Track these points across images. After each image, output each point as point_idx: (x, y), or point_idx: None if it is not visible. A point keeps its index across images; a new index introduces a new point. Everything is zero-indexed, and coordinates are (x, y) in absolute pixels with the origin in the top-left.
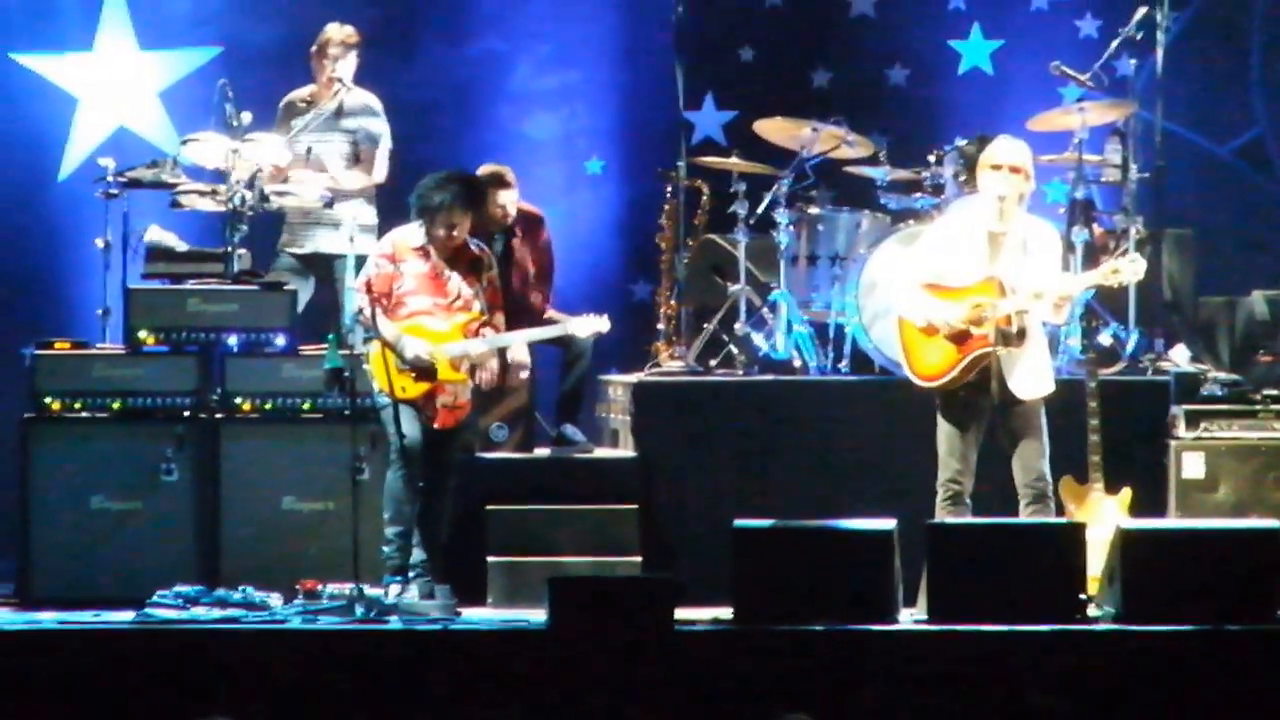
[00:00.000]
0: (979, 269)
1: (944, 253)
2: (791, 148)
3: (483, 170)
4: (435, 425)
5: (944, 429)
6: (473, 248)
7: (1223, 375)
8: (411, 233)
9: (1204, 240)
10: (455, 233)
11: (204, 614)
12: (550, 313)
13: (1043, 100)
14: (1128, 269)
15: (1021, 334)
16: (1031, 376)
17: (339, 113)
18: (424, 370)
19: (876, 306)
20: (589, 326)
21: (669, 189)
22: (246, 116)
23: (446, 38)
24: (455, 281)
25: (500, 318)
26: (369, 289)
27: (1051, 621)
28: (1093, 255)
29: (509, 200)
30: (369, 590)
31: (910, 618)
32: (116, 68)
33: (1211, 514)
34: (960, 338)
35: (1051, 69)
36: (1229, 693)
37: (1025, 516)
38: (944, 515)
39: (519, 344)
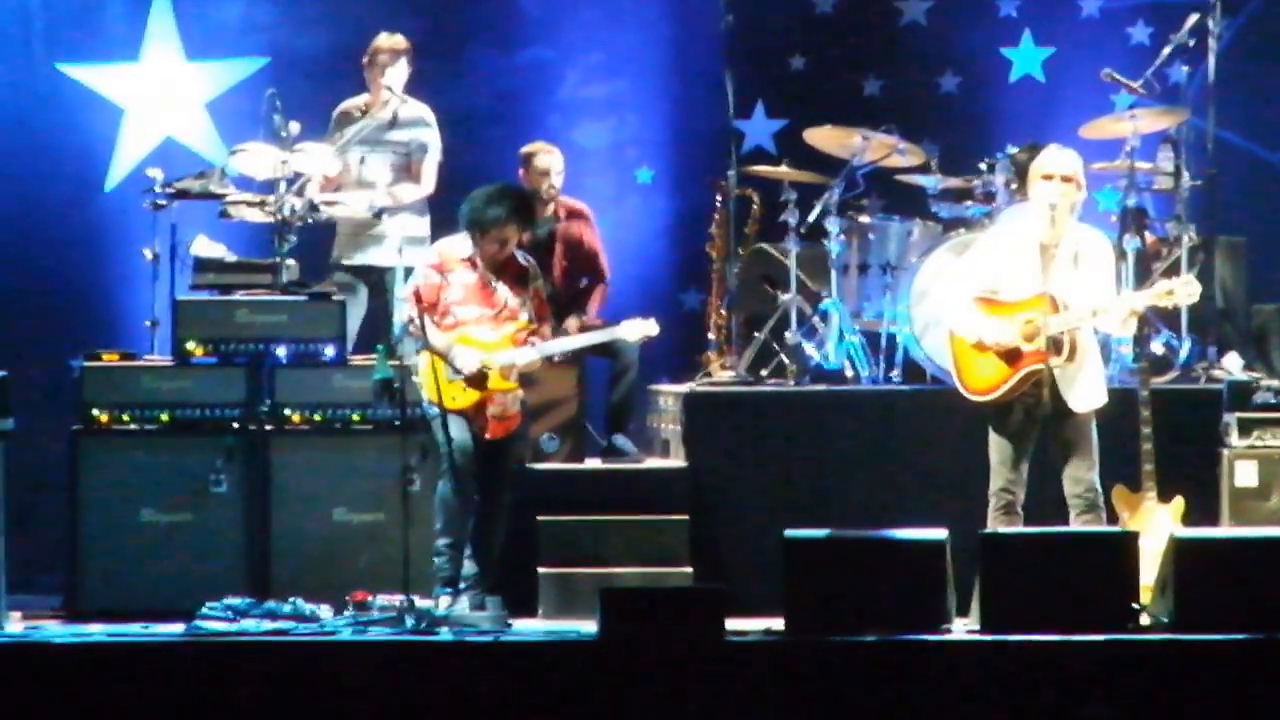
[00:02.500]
0: (1031, 282)
1: (995, 266)
2: (842, 156)
3: (525, 149)
4: (485, 436)
5: (995, 439)
6: (519, 259)
7: (1275, 383)
8: (459, 243)
9: (1257, 247)
10: (506, 247)
11: (254, 626)
12: (597, 322)
13: (1094, 108)
14: (1181, 291)
15: (1073, 349)
16: (1085, 389)
17: (393, 124)
18: (475, 379)
19: (928, 316)
20: (637, 330)
21: (719, 198)
22: (295, 127)
23: (495, 46)
24: (502, 291)
25: (547, 328)
26: (418, 298)
27: (1105, 631)
28: (1145, 263)
29: (552, 166)
30: (419, 602)
31: (963, 628)
32: (163, 78)
33: (1264, 522)
34: (1012, 354)
35: (1103, 76)
36: None
37: (1076, 527)
38: (996, 525)
39: (530, 354)
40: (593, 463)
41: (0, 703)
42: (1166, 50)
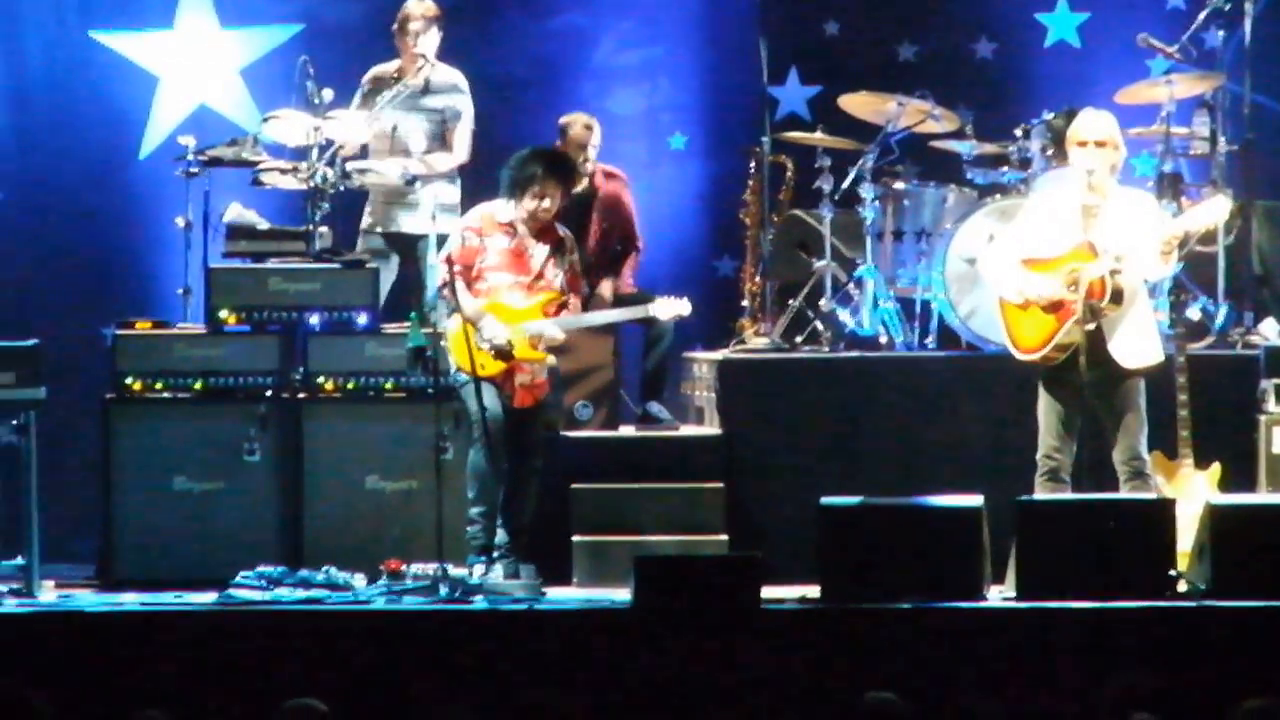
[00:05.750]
0: (1074, 238)
1: (1039, 228)
2: (877, 122)
3: (563, 120)
4: (514, 404)
5: (1044, 403)
6: (558, 230)
7: None
8: (499, 208)
9: None
10: (547, 203)
11: (287, 595)
12: (632, 288)
13: (1130, 73)
14: (1211, 210)
15: (1118, 296)
16: (1133, 344)
17: (425, 90)
18: (500, 352)
19: (975, 300)
20: (670, 309)
21: (753, 164)
22: (328, 94)
23: (528, 12)
24: (538, 260)
25: (577, 301)
26: (450, 262)
27: (1141, 598)
28: None
29: (589, 139)
30: (453, 570)
31: (998, 595)
32: (197, 46)
33: None
34: (1057, 306)
35: (1139, 41)
36: None
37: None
38: (1041, 491)
39: (560, 325)
40: (627, 430)
41: (33, 671)
42: (1202, 15)
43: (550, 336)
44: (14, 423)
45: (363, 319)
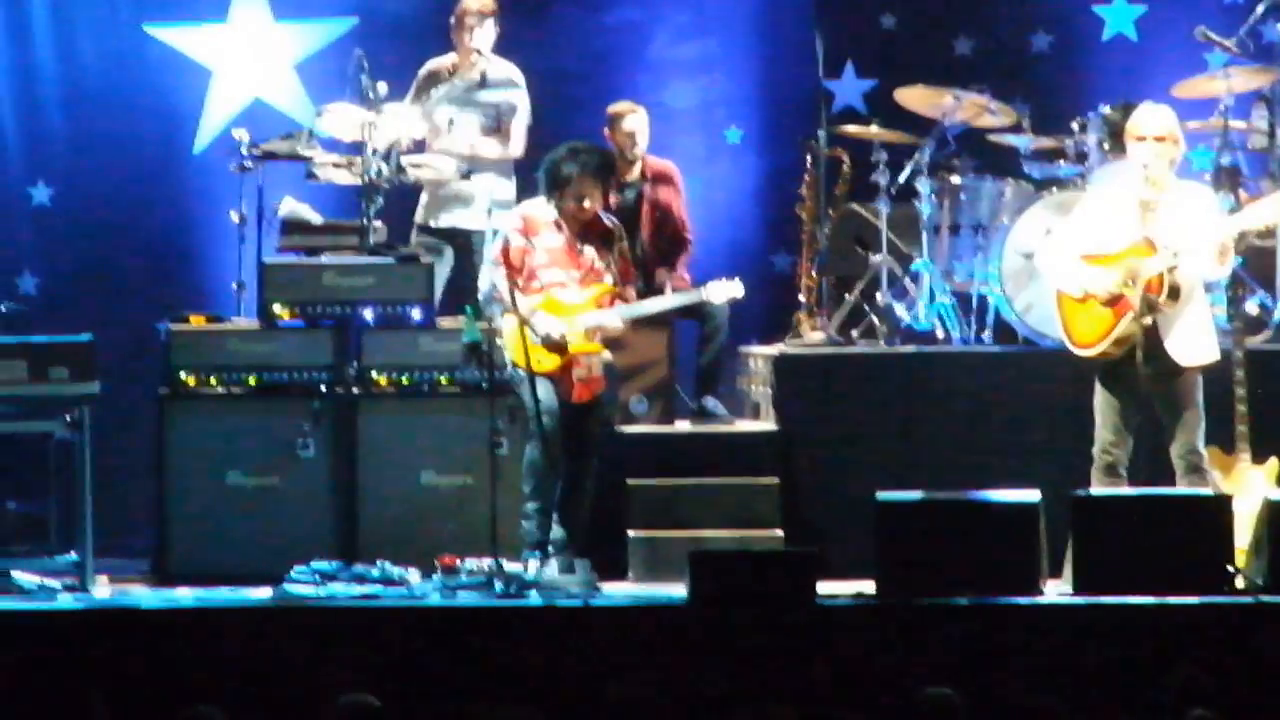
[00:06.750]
0: (1133, 233)
1: (1097, 222)
2: (933, 116)
3: (612, 109)
4: (572, 399)
5: (1100, 397)
6: (604, 220)
7: None
8: (542, 206)
9: None
10: (586, 204)
11: (341, 590)
12: (685, 282)
13: (1188, 66)
14: (1267, 207)
15: (1175, 291)
16: (1189, 340)
17: (482, 84)
18: (554, 346)
19: (1030, 296)
20: (724, 292)
21: (809, 158)
22: (382, 88)
23: (583, 6)
24: (588, 254)
25: (631, 290)
26: (507, 262)
27: (1198, 593)
28: None
29: (638, 127)
30: (508, 565)
31: (1055, 590)
32: (251, 39)
33: None
34: (1115, 301)
35: (1196, 34)
36: None
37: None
38: (1097, 486)
39: (615, 316)
40: (683, 425)
41: (88, 667)
42: (1260, 8)
43: (610, 327)
44: (68, 418)
45: (417, 314)
